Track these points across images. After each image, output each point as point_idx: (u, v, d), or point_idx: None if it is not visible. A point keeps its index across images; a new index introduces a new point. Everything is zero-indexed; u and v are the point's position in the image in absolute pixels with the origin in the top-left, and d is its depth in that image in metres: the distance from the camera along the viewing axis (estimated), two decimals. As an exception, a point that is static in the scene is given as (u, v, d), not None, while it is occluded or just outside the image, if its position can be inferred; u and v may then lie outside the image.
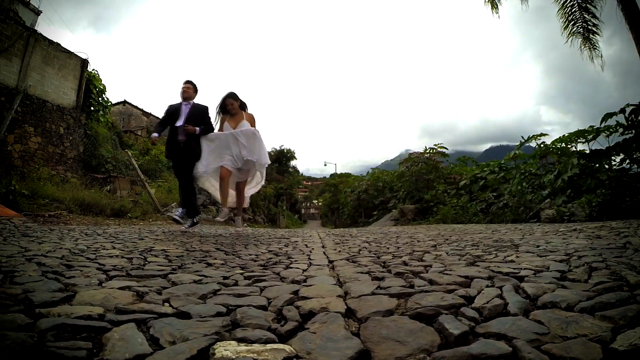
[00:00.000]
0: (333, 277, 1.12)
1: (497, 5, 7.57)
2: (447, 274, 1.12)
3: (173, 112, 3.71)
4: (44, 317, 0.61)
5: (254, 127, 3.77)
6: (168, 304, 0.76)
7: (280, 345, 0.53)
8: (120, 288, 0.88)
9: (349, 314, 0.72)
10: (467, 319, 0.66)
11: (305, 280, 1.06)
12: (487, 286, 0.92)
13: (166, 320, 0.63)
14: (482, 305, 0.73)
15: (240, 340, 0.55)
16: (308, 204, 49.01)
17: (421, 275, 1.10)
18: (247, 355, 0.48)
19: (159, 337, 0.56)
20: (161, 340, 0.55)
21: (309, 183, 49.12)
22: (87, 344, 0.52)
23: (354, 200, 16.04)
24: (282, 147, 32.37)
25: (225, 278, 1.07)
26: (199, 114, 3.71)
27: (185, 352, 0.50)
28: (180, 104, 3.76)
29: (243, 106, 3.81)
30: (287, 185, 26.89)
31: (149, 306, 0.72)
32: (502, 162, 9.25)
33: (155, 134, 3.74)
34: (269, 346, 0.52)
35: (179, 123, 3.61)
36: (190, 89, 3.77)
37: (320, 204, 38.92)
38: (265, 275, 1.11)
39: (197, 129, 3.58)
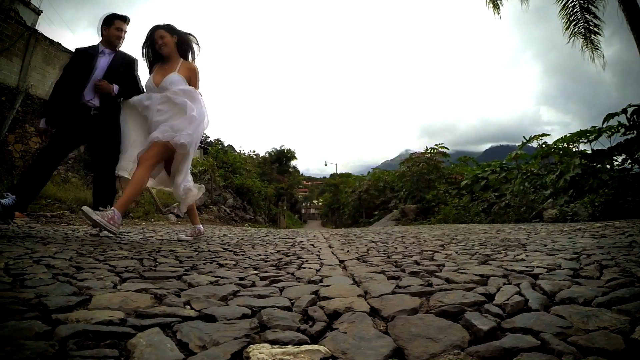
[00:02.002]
0: (348, 277, 1.12)
1: (499, 5, 7.59)
2: (462, 272, 1.12)
3: (82, 66, 2.32)
4: (62, 324, 0.59)
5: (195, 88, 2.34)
6: (189, 307, 0.75)
7: (315, 346, 0.52)
8: (137, 291, 0.86)
9: (374, 313, 0.73)
10: (492, 315, 0.68)
11: (321, 280, 1.06)
12: (505, 284, 0.94)
13: (192, 324, 0.62)
14: (503, 302, 0.75)
15: (273, 342, 0.54)
16: (308, 204, 49.05)
17: (436, 274, 1.10)
18: (283, 358, 0.47)
19: (188, 341, 0.54)
20: (190, 345, 0.53)
21: (309, 183, 49.17)
22: (112, 351, 0.50)
23: (354, 200, 16.07)
24: (282, 147, 32.45)
25: (241, 279, 1.06)
26: (124, 67, 2.42)
27: (219, 356, 0.48)
28: (95, 51, 2.38)
29: (184, 51, 2.35)
30: (287, 185, 26.92)
31: (171, 309, 0.70)
32: (504, 162, 9.27)
33: (43, 123, 2.35)
34: (303, 347, 0.52)
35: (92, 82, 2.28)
36: (125, 33, 2.45)
37: (320, 204, 38.94)
38: (280, 276, 1.11)
39: (115, 87, 2.30)
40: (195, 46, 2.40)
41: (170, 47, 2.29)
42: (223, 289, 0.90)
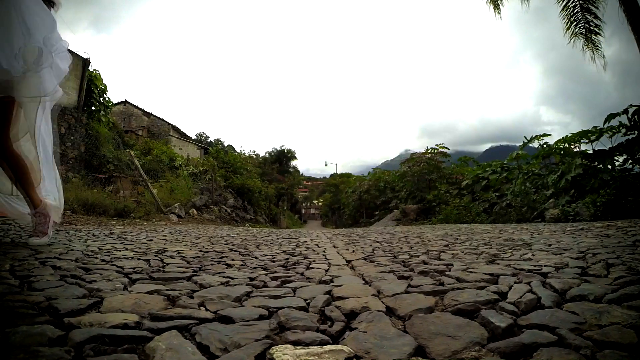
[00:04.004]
0: (358, 277, 1.12)
1: (499, 6, 7.60)
2: (471, 272, 1.13)
3: None
4: (75, 328, 0.58)
5: None
6: (204, 308, 0.74)
7: (338, 346, 0.52)
8: (149, 292, 0.85)
9: (390, 312, 0.73)
10: (508, 312, 0.69)
11: (332, 280, 1.06)
12: (515, 282, 0.95)
13: (210, 326, 0.61)
14: (517, 300, 0.76)
15: (295, 343, 0.54)
16: (308, 204, 49.05)
17: (446, 273, 1.11)
18: (308, 359, 0.47)
19: (208, 344, 0.53)
20: (211, 347, 0.52)
21: (309, 183, 49.19)
22: (132, 356, 0.49)
23: (355, 201, 16.07)
24: (283, 147, 32.48)
25: (251, 279, 1.06)
26: None
27: (243, 359, 0.48)
28: None
29: None
30: (287, 186, 26.92)
31: (186, 311, 0.70)
32: (505, 162, 9.27)
33: None
34: (326, 347, 0.51)
35: None
36: None
37: (320, 204, 38.94)
38: (290, 276, 1.11)
39: None
40: None
41: None
42: (236, 290, 0.90)
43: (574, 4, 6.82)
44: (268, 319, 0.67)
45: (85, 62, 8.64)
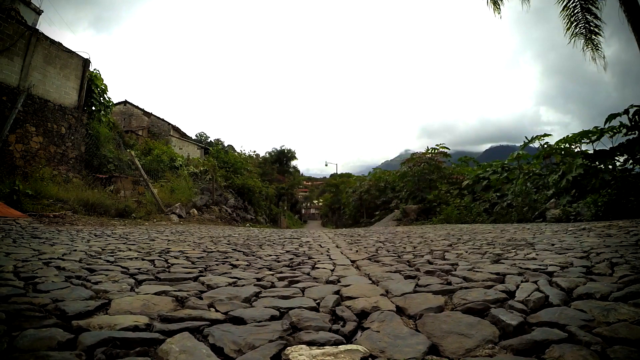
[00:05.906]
0: (364, 277, 1.12)
1: (499, 5, 7.60)
2: (477, 271, 1.13)
3: None
4: (84, 331, 0.56)
5: None
6: (214, 309, 0.74)
7: (353, 346, 0.52)
8: (156, 293, 0.85)
9: (400, 311, 0.73)
10: (517, 311, 0.69)
11: (339, 280, 1.06)
12: (522, 281, 0.95)
13: (222, 327, 0.60)
14: (525, 299, 0.77)
15: (310, 344, 0.53)
16: (308, 204, 49.01)
17: (452, 273, 1.11)
18: (325, 359, 0.47)
19: (222, 346, 0.52)
20: (226, 349, 0.52)
21: (309, 183, 49.15)
22: (145, 359, 0.48)
23: (355, 201, 16.05)
24: (283, 147, 32.43)
25: (258, 280, 1.06)
26: None
27: None
28: None
29: None
30: (288, 186, 26.88)
31: (196, 312, 0.69)
32: (505, 162, 9.27)
33: None
34: (341, 347, 0.51)
35: None
36: None
37: (320, 204, 38.92)
38: (297, 276, 1.11)
39: None
40: None
41: None
42: (244, 290, 0.89)
43: (574, 4, 6.82)
44: (280, 319, 0.67)
45: (86, 62, 8.63)
